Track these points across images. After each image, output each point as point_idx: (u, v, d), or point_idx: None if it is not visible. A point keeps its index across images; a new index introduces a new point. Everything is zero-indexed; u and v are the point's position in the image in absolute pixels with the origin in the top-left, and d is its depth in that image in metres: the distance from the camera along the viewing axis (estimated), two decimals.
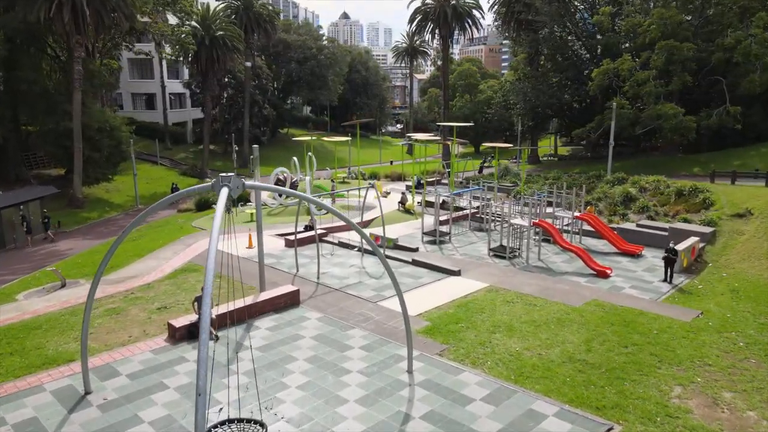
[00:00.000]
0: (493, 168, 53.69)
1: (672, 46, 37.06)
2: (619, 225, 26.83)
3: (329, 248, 24.15)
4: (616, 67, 38.98)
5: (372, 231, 26.38)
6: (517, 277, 20.14)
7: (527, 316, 16.22)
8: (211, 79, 57.23)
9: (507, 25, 56.48)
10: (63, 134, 37.20)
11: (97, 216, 36.87)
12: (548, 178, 39.46)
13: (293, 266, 21.40)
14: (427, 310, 16.76)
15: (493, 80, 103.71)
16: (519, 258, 23.31)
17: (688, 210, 27.33)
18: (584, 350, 13.89)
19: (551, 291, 18.48)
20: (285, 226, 28.30)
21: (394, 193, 39.93)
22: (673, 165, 41.57)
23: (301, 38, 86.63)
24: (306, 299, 17.93)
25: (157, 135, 66.75)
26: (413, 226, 29.95)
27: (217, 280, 20.98)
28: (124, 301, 18.01)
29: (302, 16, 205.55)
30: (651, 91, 36.99)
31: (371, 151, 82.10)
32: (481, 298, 17.76)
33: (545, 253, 23.98)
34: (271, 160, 70.47)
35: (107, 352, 14.00)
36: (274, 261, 22.38)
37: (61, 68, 40.72)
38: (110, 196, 43.00)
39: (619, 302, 17.38)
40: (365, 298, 17.93)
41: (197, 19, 52.78)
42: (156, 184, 51.39)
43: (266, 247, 24.56)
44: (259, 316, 16.43)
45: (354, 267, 21.62)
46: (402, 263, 21.98)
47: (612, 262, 22.48)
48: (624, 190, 31.25)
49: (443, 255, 23.82)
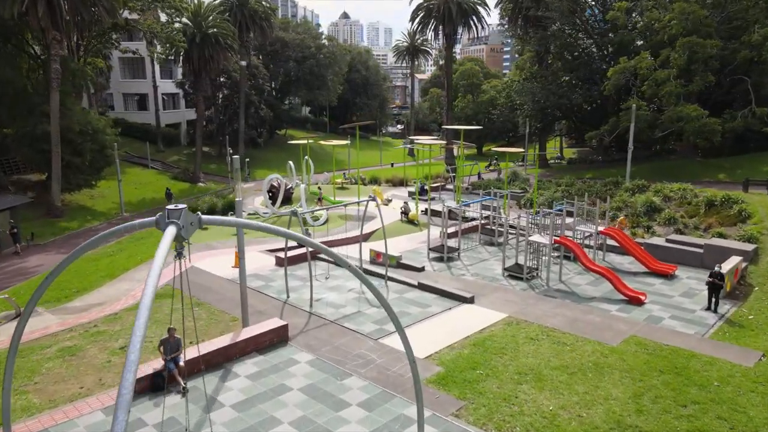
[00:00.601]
0: (495, 172, 51.18)
1: (694, 43, 34.54)
2: (646, 240, 24.23)
3: (324, 267, 21.57)
4: (634, 65, 36.43)
5: (373, 246, 23.82)
6: (539, 305, 17.56)
7: (558, 359, 13.65)
8: (203, 78, 54.60)
9: (514, 23, 53.95)
10: (41, 137, 34.59)
11: (76, 226, 34.25)
12: (560, 185, 36.91)
13: (283, 290, 18.83)
14: (438, 351, 14.19)
15: (496, 80, 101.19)
16: (538, 279, 20.76)
17: (721, 223, 24.76)
18: (633, 411, 11.32)
19: (581, 324, 15.92)
20: (276, 240, 25.72)
21: (395, 200, 37.37)
22: (693, 170, 39.00)
23: (300, 37, 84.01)
24: (296, 334, 15.37)
25: (149, 137, 64.16)
26: (417, 239, 27.40)
27: (196, 308, 18.48)
28: (84, 336, 15.45)
29: (302, 15, 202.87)
30: (672, 91, 34.45)
31: (371, 152, 79.53)
32: (501, 334, 15.20)
33: (566, 273, 21.42)
34: (268, 162, 67.95)
35: (49, 412, 11.43)
36: (262, 284, 19.82)
37: (40, 67, 38.11)
38: (94, 204, 40.41)
39: (663, 339, 14.82)
40: (365, 334, 15.37)
41: (188, 16, 50.17)
42: (145, 189, 48.77)
43: (254, 265, 22.06)
44: (239, 358, 13.87)
45: (352, 292, 19.05)
46: (406, 287, 19.41)
47: (643, 285, 19.93)
48: (647, 199, 28.70)
49: (452, 275, 21.26)
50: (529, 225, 21.43)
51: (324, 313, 16.89)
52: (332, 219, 30.86)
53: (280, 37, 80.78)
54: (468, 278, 20.87)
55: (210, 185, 54.20)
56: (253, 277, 20.40)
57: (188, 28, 50.84)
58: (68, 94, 37.16)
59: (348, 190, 40.84)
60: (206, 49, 51.01)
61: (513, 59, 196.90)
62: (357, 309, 17.33)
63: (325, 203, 35.41)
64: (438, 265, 22.81)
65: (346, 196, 38.34)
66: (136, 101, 68.15)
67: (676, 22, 36.26)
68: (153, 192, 47.91)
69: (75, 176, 37.24)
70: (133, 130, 65.25)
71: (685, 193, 28.73)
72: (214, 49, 51.49)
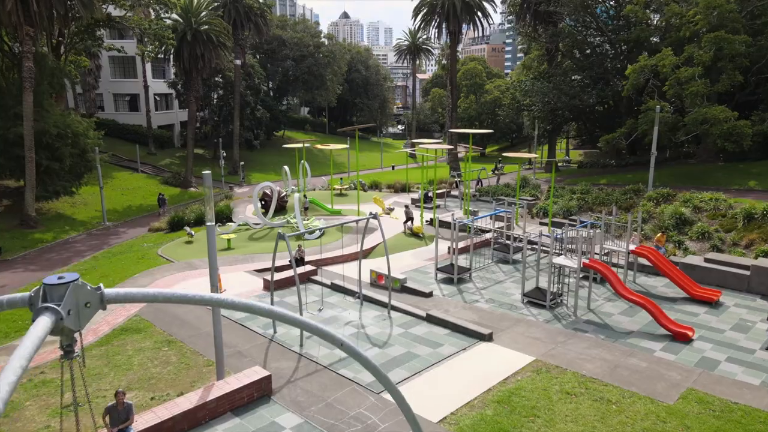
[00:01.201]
0: (495, 177, 48.48)
1: (722, 38, 31.88)
2: (681, 259, 21.56)
3: (318, 293, 18.87)
4: (655, 63, 33.76)
5: (374, 265, 21.19)
6: (570, 345, 14.89)
7: (604, 424, 11.00)
8: (195, 78, 51.93)
9: (522, 19, 51.26)
10: (14, 141, 31.97)
11: (51, 238, 31.57)
12: (575, 192, 34.26)
13: (270, 323, 16.16)
14: (454, 412, 11.54)
15: (500, 80, 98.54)
16: (563, 307, 18.11)
17: (765, 239, 22.09)
18: None
19: (624, 372, 13.25)
20: (267, 257, 22.99)
21: (398, 209, 34.67)
22: (717, 176, 36.26)
23: (298, 35, 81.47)
24: (282, 385, 12.71)
25: (141, 139, 61.57)
26: (423, 255, 24.74)
27: (166, 348, 15.81)
28: (26, 388, 12.81)
29: (302, 15, 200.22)
30: (698, 90, 31.80)
31: (372, 154, 76.98)
32: (530, 387, 12.54)
33: (594, 298, 18.78)
34: (265, 165, 65.38)
35: None
36: (245, 315, 17.15)
37: (16, 65, 35.45)
38: (75, 212, 37.74)
39: (729, 395, 12.16)
40: (365, 385, 12.71)
41: (179, 12, 47.51)
42: (133, 195, 46.14)
43: (239, 290, 19.41)
44: (209, 423, 11.22)
45: (350, 326, 16.39)
46: (413, 319, 16.75)
47: (685, 315, 17.28)
48: (675, 210, 26.02)
49: (465, 302, 18.60)
50: (553, 243, 18.76)
51: (316, 356, 14.23)
52: (328, 231, 28.20)
53: (278, 35, 78.28)
54: (482, 306, 18.21)
55: (202, 190, 51.53)
56: None
57: (178, 25, 48.25)
58: (45, 94, 34.50)
59: (347, 197, 38.16)
60: (197, 47, 48.40)
61: (515, 59, 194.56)
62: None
63: (320, 212, 32.74)
64: (447, 288, 20.16)
65: (345, 203, 35.69)
66: (127, 102, 65.53)
67: (701, 17, 33.59)
68: (141, 198, 45.32)
69: (53, 183, 34.60)
70: (124, 132, 62.68)
71: (718, 203, 26.10)
72: (205, 46, 48.89)
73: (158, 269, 22.03)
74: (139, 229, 35.13)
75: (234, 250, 25.20)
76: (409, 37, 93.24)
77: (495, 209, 26.19)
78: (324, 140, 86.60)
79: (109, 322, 16.64)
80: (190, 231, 27.90)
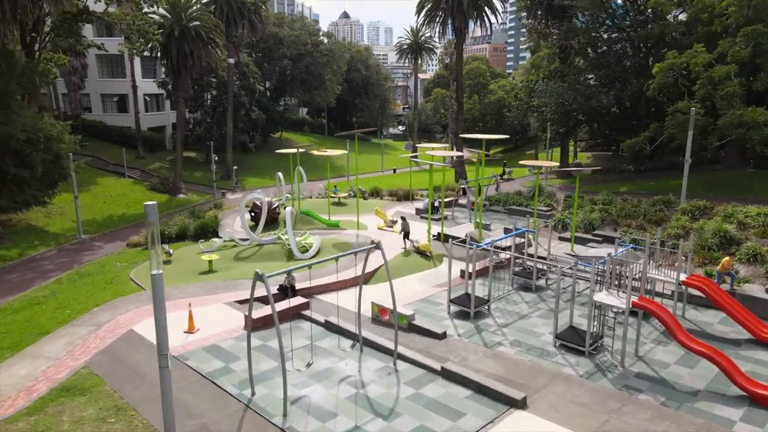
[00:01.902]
0: (503, 181, 45.35)
1: (761, 32, 28.80)
2: (736, 288, 18.40)
3: (308, 333, 15.65)
4: (686, 61, 30.65)
5: (376, 296, 18.06)
6: (626, 414, 11.72)
7: None
8: (184, 77, 48.75)
9: (533, 15, 48.11)
10: None
11: (17, 255, 28.41)
12: (596, 202, 31.07)
13: (247, 382, 12.94)
14: None
15: (504, 80, 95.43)
16: (604, 353, 14.96)
17: None
18: None
19: None
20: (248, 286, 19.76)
21: (401, 221, 31.39)
22: (749, 185, 33.18)
23: (295, 33, 78.32)
24: None
25: (130, 141, 58.44)
26: (431, 280, 21.56)
27: (112, 416, 12.52)
28: None
29: (300, 14, 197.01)
30: (734, 91, 28.71)
31: (372, 157, 73.88)
32: None
33: (642, 341, 15.62)
34: (260, 169, 62.22)
35: None
36: (220, 367, 13.95)
37: None
38: (49, 223, 34.58)
39: None
40: None
41: (165, 6, 44.38)
42: (117, 203, 42.94)
43: (214, 329, 16.12)
44: None
45: (347, 384, 13.21)
46: (425, 373, 13.58)
47: (757, 365, 14.14)
48: (718, 227, 22.82)
49: (486, 345, 15.44)
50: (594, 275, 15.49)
51: (304, 429, 11.07)
52: (324, 248, 25.08)
53: (274, 33, 75.18)
54: (507, 351, 15.05)
55: (192, 197, 48.39)
56: (208, 353, 14.58)
57: (166, 20, 45.11)
58: (14, 95, 31.36)
59: (346, 206, 34.97)
60: (186, 44, 45.25)
61: (517, 59, 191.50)
62: (353, 420, 11.51)
63: (315, 225, 29.58)
64: (463, 325, 16.99)
65: (344, 213, 32.51)
66: (116, 102, 62.37)
67: (735, 9, 30.47)
68: (124, 206, 42.14)
69: (22, 192, 31.44)
70: (112, 134, 59.61)
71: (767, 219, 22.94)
72: (195, 44, 45.73)
73: (124, 300, 18.84)
74: (117, 243, 31.98)
75: (216, 273, 22.03)
76: (410, 35, 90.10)
77: (515, 224, 23.02)
78: (322, 142, 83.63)
79: (50, 377, 13.48)
80: (168, 249, 24.77)
